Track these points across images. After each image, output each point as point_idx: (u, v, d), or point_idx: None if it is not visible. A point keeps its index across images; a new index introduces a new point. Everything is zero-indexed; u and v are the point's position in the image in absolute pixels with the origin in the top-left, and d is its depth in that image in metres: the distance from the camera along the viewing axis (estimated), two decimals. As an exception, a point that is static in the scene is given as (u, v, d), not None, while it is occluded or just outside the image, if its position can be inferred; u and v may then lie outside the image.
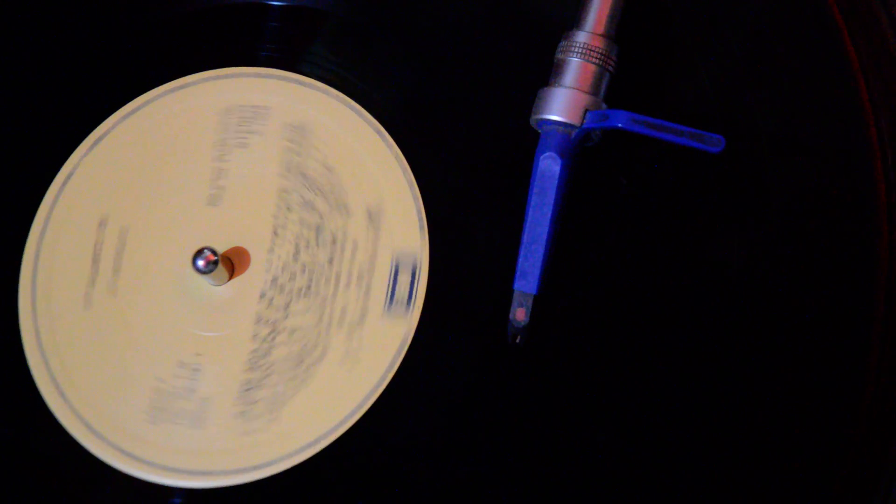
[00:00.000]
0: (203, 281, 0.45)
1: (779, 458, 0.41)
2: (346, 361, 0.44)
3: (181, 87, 0.49)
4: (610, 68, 0.44)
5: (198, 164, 0.47)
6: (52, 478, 0.44)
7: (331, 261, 0.45)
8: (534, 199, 0.43)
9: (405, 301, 0.44)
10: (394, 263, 0.45)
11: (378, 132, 0.47)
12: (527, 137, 0.44)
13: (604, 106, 0.43)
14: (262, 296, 0.45)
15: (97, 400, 0.44)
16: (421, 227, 0.45)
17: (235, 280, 0.45)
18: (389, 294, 0.44)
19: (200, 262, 0.44)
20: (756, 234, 0.43)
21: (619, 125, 0.42)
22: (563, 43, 0.44)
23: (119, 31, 0.50)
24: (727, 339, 0.42)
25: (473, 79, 0.47)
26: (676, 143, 0.41)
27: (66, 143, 0.48)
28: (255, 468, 0.43)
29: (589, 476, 0.41)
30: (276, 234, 0.46)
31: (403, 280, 0.45)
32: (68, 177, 0.47)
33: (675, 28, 0.47)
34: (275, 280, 0.45)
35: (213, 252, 0.44)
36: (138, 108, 0.48)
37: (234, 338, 0.45)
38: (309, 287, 0.45)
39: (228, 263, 0.45)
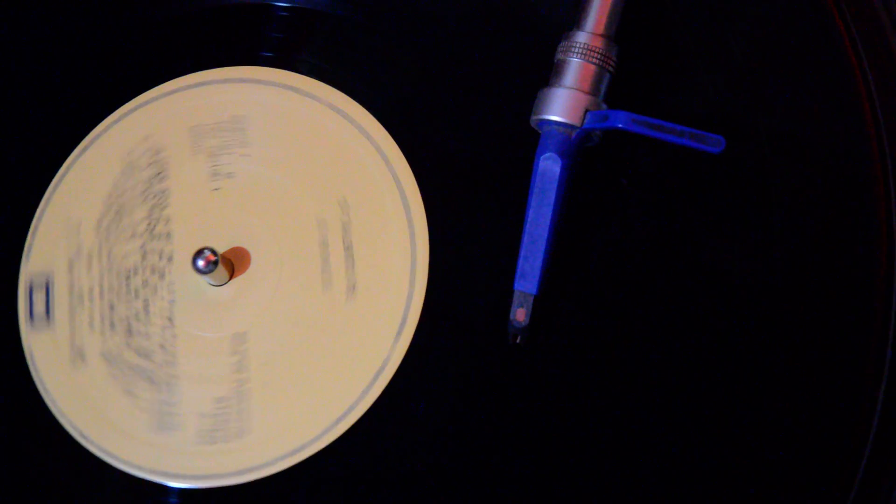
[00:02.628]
0: (203, 281, 0.45)
1: (780, 458, 0.41)
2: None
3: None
4: (610, 68, 0.44)
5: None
6: (59, 481, 0.45)
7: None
8: (534, 200, 0.43)
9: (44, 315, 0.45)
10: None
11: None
12: (527, 138, 0.44)
13: (604, 106, 0.43)
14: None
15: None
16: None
17: (235, 280, 0.45)
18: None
19: (200, 262, 0.44)
20: (756, 235, 0.43)
21: (620, 125, 0.42)
22: (563, 43, 0.44)
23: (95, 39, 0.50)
24: (727, 339, 0.42)
25: (473, 79, 0.47)
26: (676, 143, 0.41)
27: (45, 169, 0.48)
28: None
29: (589, 476, 0.41)
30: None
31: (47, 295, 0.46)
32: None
33: (675, 28, 0.47)
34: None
35: (213, 252, 0.44)
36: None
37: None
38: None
39: (228, 263, 0.45)
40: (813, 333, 0.42)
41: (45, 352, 0.45)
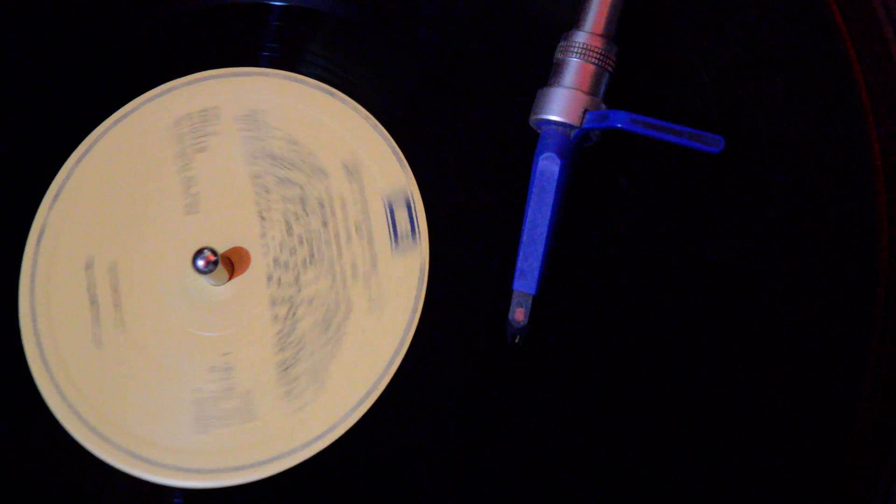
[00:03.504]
0: (203, 281, 0.45)
1: (779, 458, 0.41)
2: (373, 309, 0.44)
3: (123, 116, 0.49)
4: (609, 68, 0.44)
5: (165, 182, 0.47)
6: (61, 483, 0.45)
7: (325, 224, 0.45)
8: (533, 200, 0.43)
9: (409, 234, 0.45)
10: (386, 204, 0.45)
11: (330, 93, 0.47)
12: (526, 137, 0.44)
13: (603, 106, 0.43)
14: (269, 279, 0.45)
15: (141, 430, 0.44)
16: (401, 163, 0.46)
17: (235, 280, 0.45)
18: (392, 233, 0.45)
19: (200, 262, 0.44)
20: (756, 235, 0.43)
21: (619, 125, 0.42)
22: (563, 43, 0.44)
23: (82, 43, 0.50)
24: (727, 339, 0.42)
25: (473, 79, 0.47)
26: (676, 143, 0.41)
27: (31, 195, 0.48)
28: (309, 444, 0.43)
29: (589, 476, 0.41)
30: (262, 217, 0.46)
31: (401, 216, 0.45)
32: (41, 233, 0.47)
33: (675, 28, 0.47)
34: (276, 260, 0.45)
35: (213, 252, 0.44)
36: (88, 150, 0.48)
37: (255, 327, 0.45)
38: (312, 255, 0.45)
39: (228, 263, 0.45)
40: (813, 333, 0.42)
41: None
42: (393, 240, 0.45)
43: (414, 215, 0.45)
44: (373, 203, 0.46)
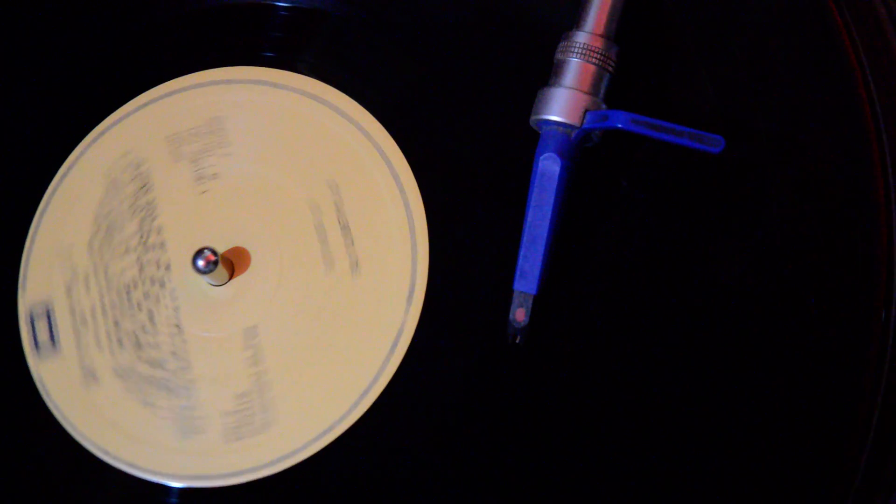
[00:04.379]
0: (203, 281, 0.45)
1: (779, 458, 0.41)
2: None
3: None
4: (609, 69, 0.44)
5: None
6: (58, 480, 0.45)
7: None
8: (533, 200, 0.43)
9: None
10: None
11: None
12: (527, 138, 0.44)
13: (603, 106, 0.43)
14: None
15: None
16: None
17: (235, 280, 0.45)
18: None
19: (200, 262, 0.44)
20: (755, 235, 0.43)
21: (619, 126, 0.42)
22: (563, 43, 0.44)
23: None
24: (727, 339, 0.42)
25: (473, 79, 0.47)
26: (676, 143, 0.41)
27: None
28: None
29: (589, 476, 0.41)
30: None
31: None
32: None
33: (675, 28, 0.47)
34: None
35: (214, 252, 0.44)
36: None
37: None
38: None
39: (228, 263, 0.45)
40: (813, 333, 0.42)
41: (55, 378, 0.45)
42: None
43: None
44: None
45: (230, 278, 0.45)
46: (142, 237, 0.46)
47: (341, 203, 0.46)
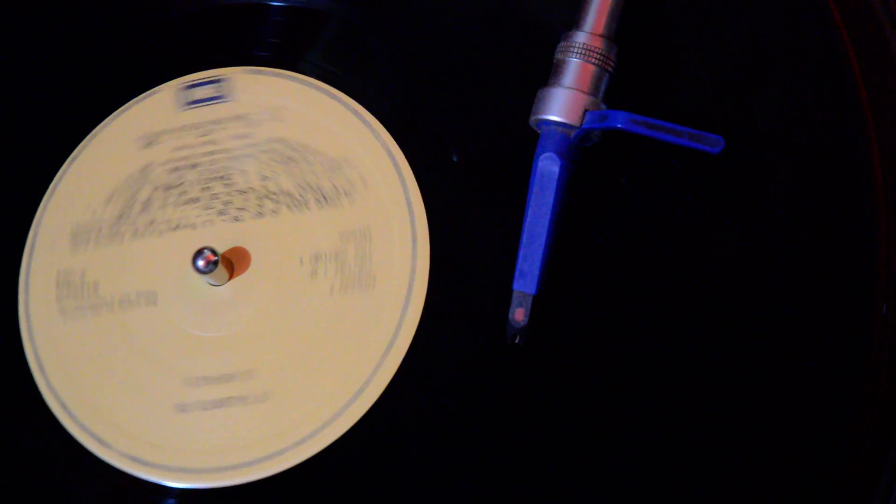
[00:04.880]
0: (203, 281, 0.45)
1: (779, 458, 0.41)
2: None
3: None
4: (609, 69, 0.44)
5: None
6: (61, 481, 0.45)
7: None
8: (533, 200, 0.43)
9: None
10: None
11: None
12: (526, 137, 0.44)
13: (603, 106, 0.43)
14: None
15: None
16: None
17: (235, 280, 0.45)
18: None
19: (200, 262, 0.44)
20: (755, 235, 0.43)
21: (619, 125, 0.42)
22: (563, 43, 0.44)
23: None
24: (727, 339, 0.42)
25: (473, 79, 0.47)
26: (675, 143, 0.41)
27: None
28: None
29: (588, 476, 0.41)
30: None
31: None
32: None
33: (675, 28, 0.47)
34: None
35: (214, 252, 0.44)
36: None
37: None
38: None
39: (228, 263, 0.45)
40: (813, 333, 0.42)
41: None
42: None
43: None
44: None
45: (230, 278, 0.45)
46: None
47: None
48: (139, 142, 0.48)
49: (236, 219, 0.46)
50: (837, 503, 0.41)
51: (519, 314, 0.42)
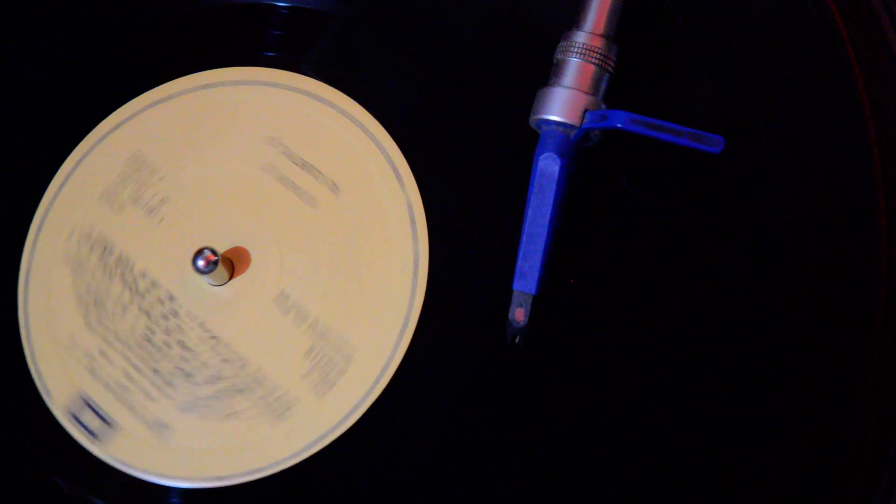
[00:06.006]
0: (203, 281, 0.45)
1: (779, 458, 0.41)
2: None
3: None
4: (609, 68, 0.44)
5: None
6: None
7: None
8: (533, 200, 0.43)
9: None
10: None
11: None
12: (526, 137, 0.44)
13: (603, 106, 0.43)
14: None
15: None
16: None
17: (235, 280, 0.45)
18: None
19: (200, 262, 0.44)
20: (755, 235, 0.43)
21: (619, 125, 0.42)
22: (563, 43, 0.44)
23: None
24: (727, 339, 0.42)
25: (473, 79, 0.47)
26: (675, 143, 0.41)
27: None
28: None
29: (588, 476, 0.41)
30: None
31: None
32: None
33: (675, 28, 0.47)
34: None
35: (214, 252, 0.44)
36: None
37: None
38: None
39: (228, 263, 0.45)
40: (813, 333, 0.42)
41: (128, 450, 0.44)
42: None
43: None
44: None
45: (230, 278, 0.45)
46: (131, 289, 0.46)
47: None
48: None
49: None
50: (837, 503, 0.41)
51: (519, 314, 0.42)
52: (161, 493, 0.44)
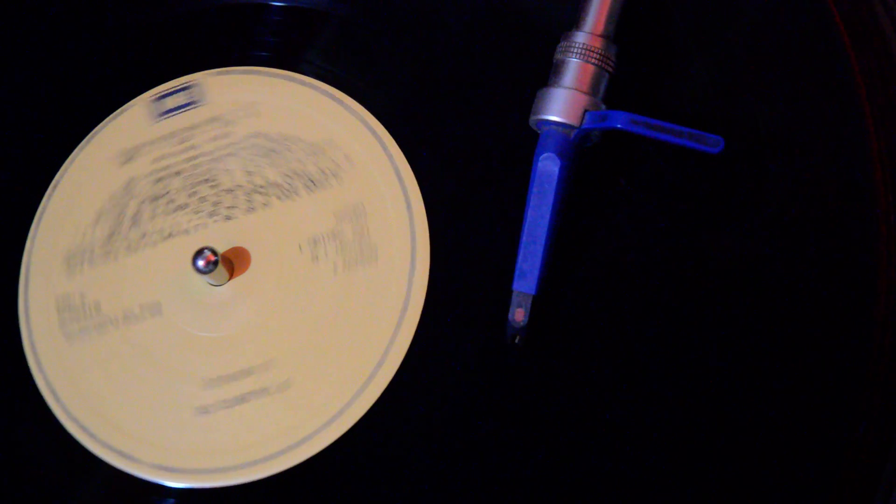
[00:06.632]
0: (203, 281, 0.45)
1: (779, 458, 0.41)
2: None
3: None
4: (609, 69, 0.44)
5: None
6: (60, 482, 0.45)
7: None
8: (533, 200, 0.43)
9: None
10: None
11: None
12: (526, 138, 0.44)
13: (603, 106, 0.43)
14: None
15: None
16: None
17: (235, 280, 0.45)
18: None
19: (200, 262, 0.44)
20: (755, 235, 0.43)
21: (619, 126, 0.42)
22: (562, 43, 0.44)
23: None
24: (727, 339, 0.42)
25: (473, 79, 0.47)
26: (675, 143, 0.41)
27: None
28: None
29: (589, 476, 0.41)
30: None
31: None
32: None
33: (675, 28, 0.47)
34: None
35: (214, 252, 0.44)
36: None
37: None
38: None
39: (228, 263, 0.45)
40: (813, 333, 0.42)
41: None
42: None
43: None
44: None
45: (230, 278, 0.45)
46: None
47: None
48: (118, 159, 0.48)
49: (228, 217, 0.46)
50: (837, 503, 0.41)
51: (519, 314, 0.42)
52: (161, 492, 0.44)
